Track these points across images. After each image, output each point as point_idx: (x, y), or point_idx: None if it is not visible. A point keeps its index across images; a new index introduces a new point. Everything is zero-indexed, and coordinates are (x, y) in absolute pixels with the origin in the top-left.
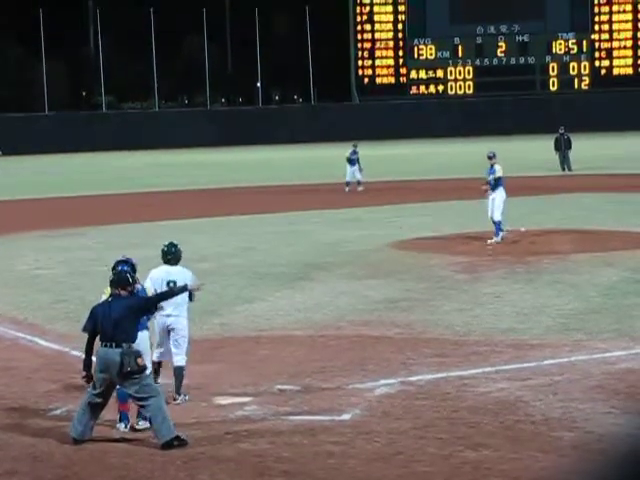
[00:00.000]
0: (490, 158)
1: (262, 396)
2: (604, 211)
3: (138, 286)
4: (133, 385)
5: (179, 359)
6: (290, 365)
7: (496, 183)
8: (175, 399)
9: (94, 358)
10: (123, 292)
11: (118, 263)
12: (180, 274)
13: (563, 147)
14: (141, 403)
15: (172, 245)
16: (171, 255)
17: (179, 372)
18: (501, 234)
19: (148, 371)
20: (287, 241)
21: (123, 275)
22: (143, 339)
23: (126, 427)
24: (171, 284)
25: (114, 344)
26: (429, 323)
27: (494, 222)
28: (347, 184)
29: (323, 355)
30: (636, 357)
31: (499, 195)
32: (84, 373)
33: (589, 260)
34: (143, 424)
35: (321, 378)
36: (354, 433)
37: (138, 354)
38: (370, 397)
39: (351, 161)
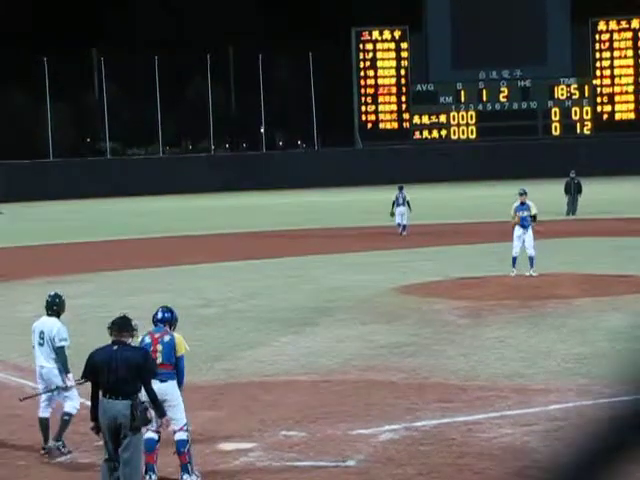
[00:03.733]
0: (521, 195)
1: (267, 442)
2: (607, 255)
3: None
4: (129, 443)
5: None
6: (295, 411)
7: (534, 219)
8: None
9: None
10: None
11: (159, 310)
12: (47, 325)
13: (573, 191)
14: (126, 468)
15: (55, 296)
16: (48, 305)
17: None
18: (515, 272)
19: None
20: (293, 285)
21: (127, 321)
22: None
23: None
24: (41, 334)
25: (120, 396)
26: (434, 368)
27: (530, 257)
28: (404, 227)
29: (328, 400)
30: None
31: (530, 232)
32: (92, 424)
33: (593, 304)
34: (188, 478)
35: (326, 424)
36: None
37: (147, 406)
38: (375, 443)
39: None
